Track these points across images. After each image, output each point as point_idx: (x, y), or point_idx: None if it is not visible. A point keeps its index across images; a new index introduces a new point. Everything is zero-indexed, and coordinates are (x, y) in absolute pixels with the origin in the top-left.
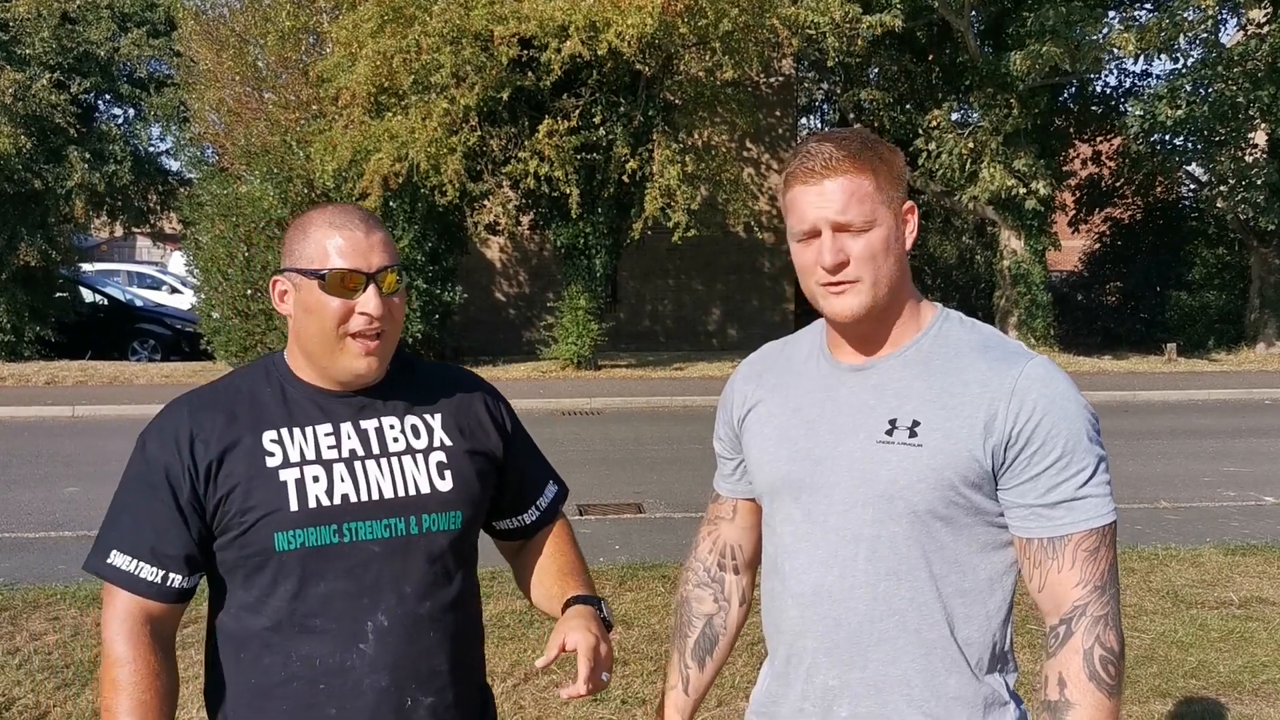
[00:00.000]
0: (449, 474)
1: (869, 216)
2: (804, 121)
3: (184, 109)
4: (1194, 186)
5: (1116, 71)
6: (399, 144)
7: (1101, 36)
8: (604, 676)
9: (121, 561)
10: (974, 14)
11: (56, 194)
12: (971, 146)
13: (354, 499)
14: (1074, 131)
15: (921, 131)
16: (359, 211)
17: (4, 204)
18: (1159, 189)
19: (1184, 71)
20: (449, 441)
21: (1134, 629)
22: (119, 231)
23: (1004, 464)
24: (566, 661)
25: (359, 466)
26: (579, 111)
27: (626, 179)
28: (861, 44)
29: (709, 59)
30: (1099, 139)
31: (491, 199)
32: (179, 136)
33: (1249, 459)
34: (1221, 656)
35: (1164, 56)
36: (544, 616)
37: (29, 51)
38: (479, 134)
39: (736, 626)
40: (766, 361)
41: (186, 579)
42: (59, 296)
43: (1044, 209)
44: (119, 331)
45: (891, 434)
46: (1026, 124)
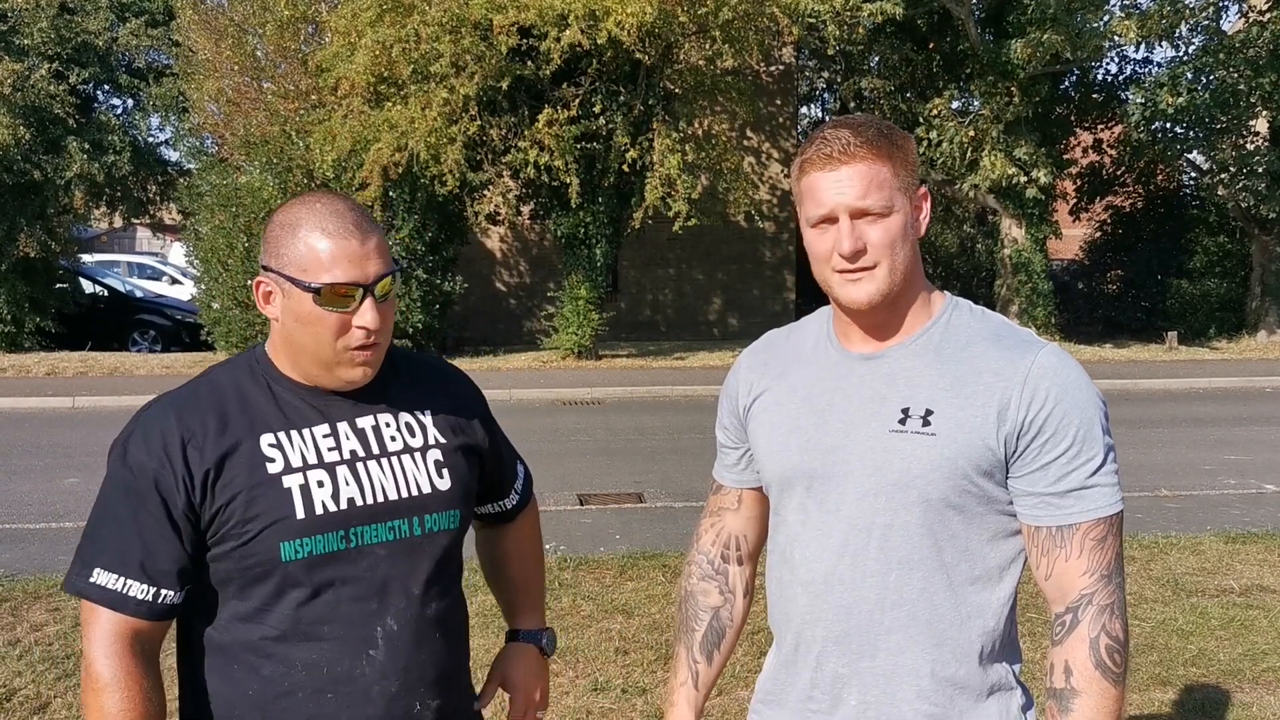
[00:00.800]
0: (447, 472)
1: (887, 203)
2: (804, 110)
3: (183, 99)
4: (1195, 174)
5: (1118, 59)
6: (399, 134)
7: (1102, 24)
8: (539, 715)
9: (107, 580)
10: (975, 2)
11: (56, 185)
12: (972, 135)
13: (360, 502)
14: (1075, 119)
15: (922, 120)
16: (352, 212)
17: (3, 195)
18: (1160, 177)
19: (1185, 59)
20: (443, 439)
21: (1135, 617)
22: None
23: (1015, 452)
24: (568, 651)
25: (361, 468)
26: (579, 101)
27: (627, 168)
28: (862, 32)
29: (709, 47)
30: (1100, 127)
31: (492, 189)
32: (178, 127)
33: (1250, 447)
34: (1222, 644)
35: (1165, 44)
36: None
37: (27, 42)
38: (479, 123)
39: (741, 618)
40: (772, 350)
41: (178, 594)
42: (59, 287)
43: (1045, 197)
44: (119, 322)
45: (905, 423)
46: (1027, 112)
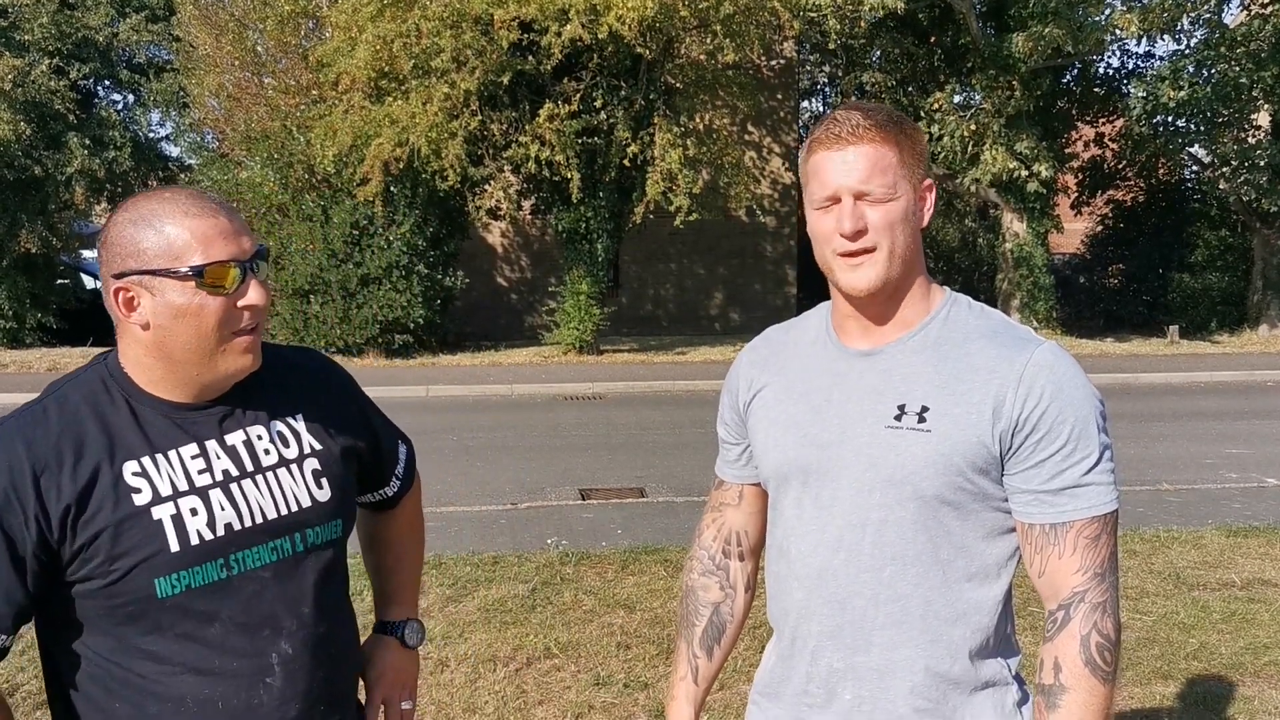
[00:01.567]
0: (325, 481)
1: (890, 187)
2: (805, 104)
3: (183, 94)
4: (1196, 168)
5: (1119, 53)
6: (399, 129)
7: (1104, 17)
8: (405, 706)
9: None
10: None
11: (56, 180)
12: (973, 129)
13: (238, 526)
14: (1076, 113)
15: (923, 114)
16: (207, 195)
17: (4, 191)
18: (1161, 171)
19: (1187, 52)
20: (318, 445)
21: (1136, 611)
22: None
23: (1010, 449)
24: (570, 646)
25: (236, 489)
26: (580, 95)
27: (628, 163)
28: (863, 26)
29: (710, 42)
30: (1101, 121)
31: (493, 184)
32: (179, 122)
33: (1251, 441)
34: (1223, 638)
35: (1167, 37)
36: (545, 601)
37: (28, 37)
38: (480, 118)
39: (743, 614)
40: (772, 345)
41: (9, 637)
42: (60, 283)
43: (1046, 191)
44: None
45: (900, 419)
46: (1028, 106)
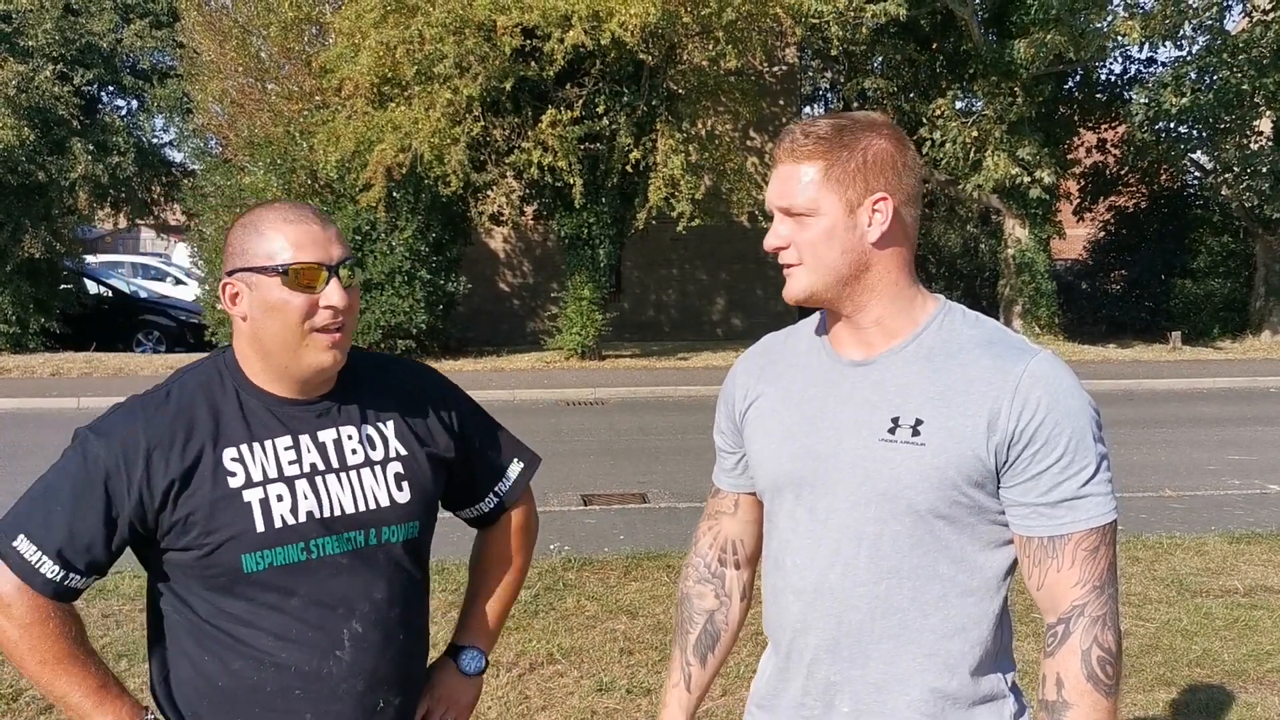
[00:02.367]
0: (406, 485)
1: (810, 204)
2: (808, 110)
3: (187, 100)
4: (1199, 174)
5: (1121, 59)
6: (402, 134)
7: (1106, 24)
8: None
9: (26, 549)
10: (978, 2)
11: (60, 186)
12: (975, 135)
13: (318, 515)
14: (1078, 119)
15: (925, 120)
16: (309, 207)
17: (8, 196)
18: (1164, 177)
19: (1189, 59)
20: (403, 450)
21: (1139, 618)
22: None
23: (1006, 462)
24: (573, 651)
25: (320, 481)
26: (582, 101)
27: (630, 169)
28: (865, 32)
29: (712, 48)
30: (1103, 127)
31: (495, 189)
32: (182, 128)
33: (1254, 447)
34: (1226, 645)
35: (1169, 44)
36: (548, 607)
37: (32, 43)
38: (482, 124)
39: (738, 622)
40: (768, 354)
41: (83, 580)
42: (63, 288)
43: (1048, 197)
44: (123, 323)
45: (894, 432)
46: (1031, 112)
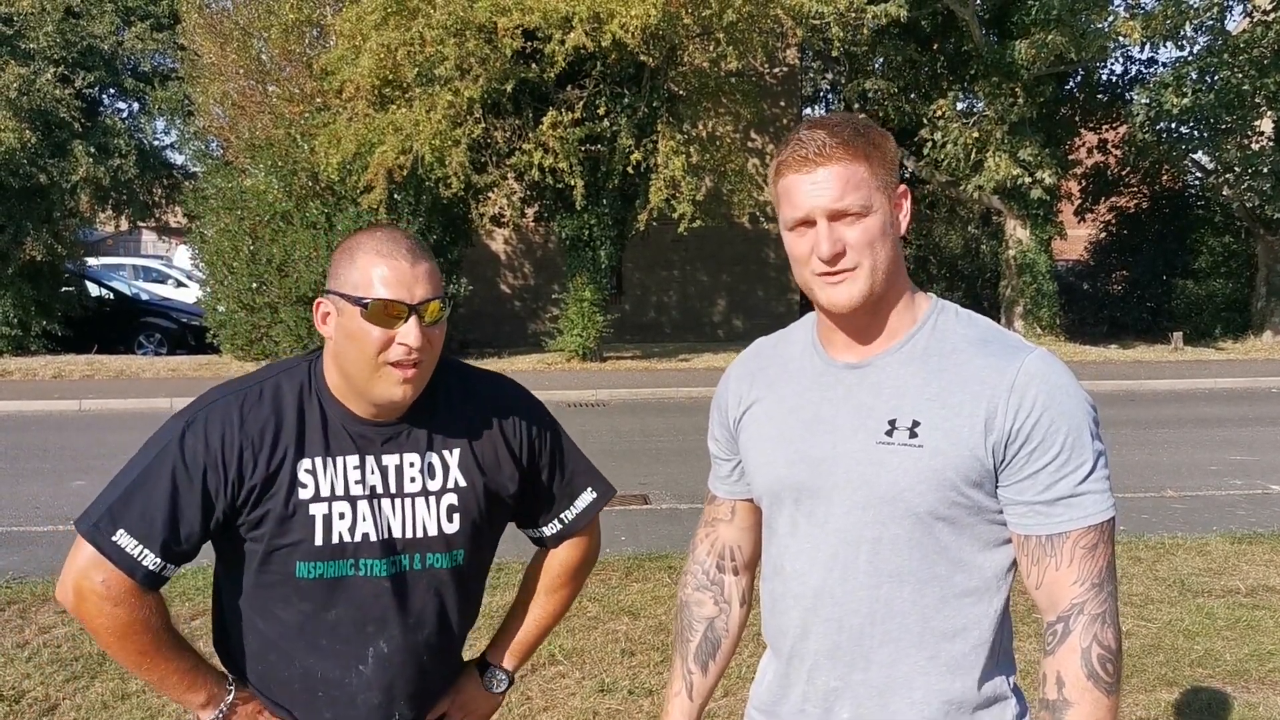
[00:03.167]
0: (457, 516)
1: (865, 202)
2: (808, 111)
3: (188, 102)
4: (1200, 175)
5: (1122, 59)
6: (403, 136)
7: (1107, 24)
8: None
9: (128, 543)
10: (979, 2)
11: (62, 188)
12: (977, 136)
13: (374, 537)
14: (1079, 120)
15: (926, 121)
16: (407, 240)
17: (9, 199)
18: (1165, 177)
19: (1190, 59)
20: (463, 482)
21: (1141, 618)
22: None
23: (1004, 461)
24: (574, 653)
25: (377, 505)
26: (583, 103)
27: (631, 170)
28: (866, 33)
29: (713, 49)
30: (1105, 127)
31: (496, 191)
32: (183, 130)
33: (1255, 447)
34: (1228, 645)
35: (1170, 44)
36: None
37: (33, 46)
38: (483, 126)
39: (738, 628)
40: (760, 359)
41: (175, 569)
42: (65, 291)
43: (1049, 198)
44: (125, 325)
45: (891, 434)
46: (1032, 113)
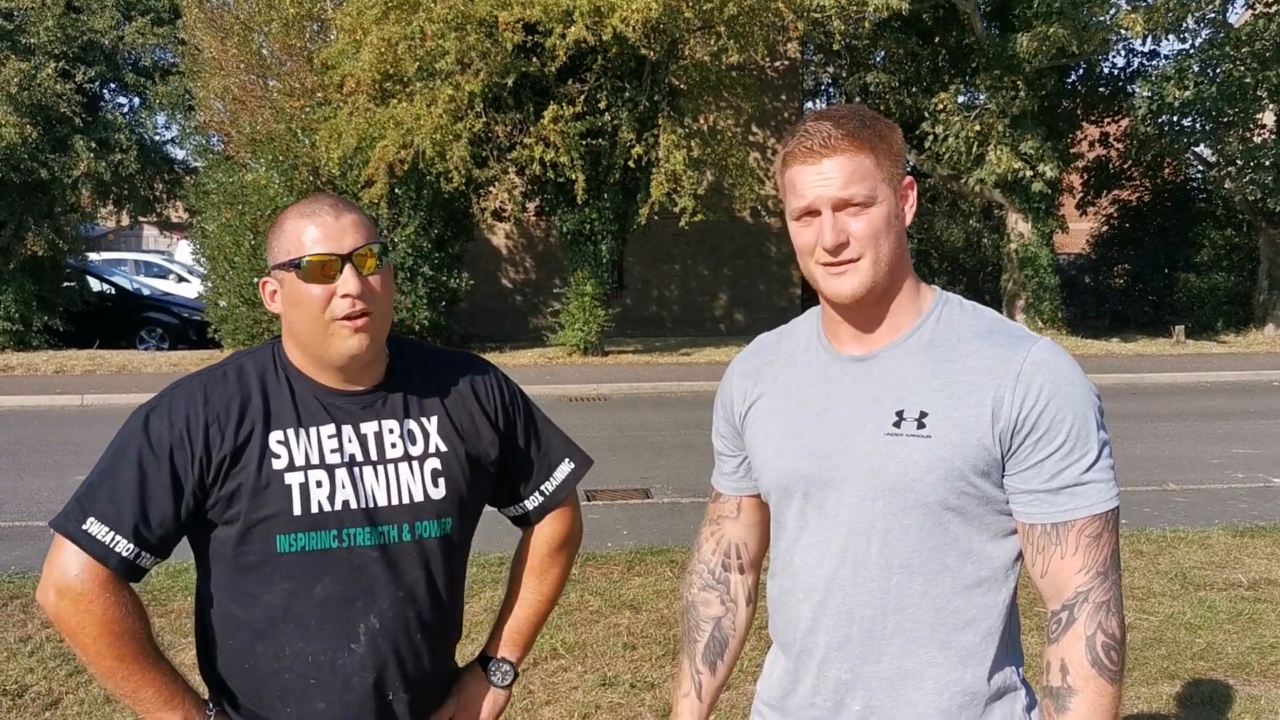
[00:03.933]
0: (442, 481)
1: (870, 193)
2: (810, 105)
3: (189, 97)
4: (1202, 168)
5: (1124, 52)
6: (404, 131)
7: (1109, 17)
8: None
9: (98, 531)
10: None
11: (63, 183)
12: (978, 129)
13: (354, 505)
14: (1081, 113)
15: (928, 114)
16: (330, 197)
17: (10, 194)
18: (1167, 171)
19: (1192, 52)
20: (444, 447)
21: (1142, 611)
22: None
23: (1010, 449)
24: (576, 647)
25: (358, 473)
26: (584, 97)
27: (632, 164)
28: (867, 27)
29: (714, 43)
30: (1106, 121)
31: (497, 185)
32: (184, 125)
33: (1257, 441)
34: (1230, 638)
35: (1172, 37)
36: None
37: (34, 40)
38: (484, 120)
39: (745, 627)
40: (763, 355)
41: (150, 559)
42: (66, 286)
43: (1051, 191)
44: (126, 320)
45: (899, 425)
46: (1033, 106)
